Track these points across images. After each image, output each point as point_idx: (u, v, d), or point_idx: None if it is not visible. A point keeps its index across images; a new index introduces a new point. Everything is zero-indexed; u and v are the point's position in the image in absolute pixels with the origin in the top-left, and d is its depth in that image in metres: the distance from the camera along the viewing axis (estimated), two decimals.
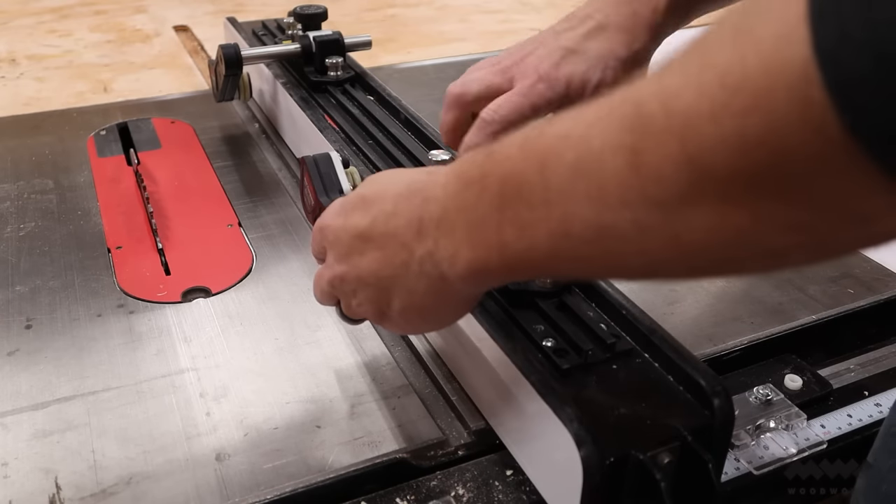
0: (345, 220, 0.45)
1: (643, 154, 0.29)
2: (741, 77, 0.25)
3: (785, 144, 0.24)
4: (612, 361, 0.47)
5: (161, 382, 0.59)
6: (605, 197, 0.30)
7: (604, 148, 0.30)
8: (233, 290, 0.69)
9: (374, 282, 0.44)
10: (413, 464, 0.52)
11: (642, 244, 0.31)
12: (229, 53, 0.85)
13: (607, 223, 0.31)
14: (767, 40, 0.24)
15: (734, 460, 0.53)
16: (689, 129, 0.27)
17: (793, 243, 0.28)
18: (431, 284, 0.41)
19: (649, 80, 0.29)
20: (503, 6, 1.68)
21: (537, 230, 0.34)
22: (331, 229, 0.47)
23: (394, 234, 0.42)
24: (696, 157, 0.27)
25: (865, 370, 0.63)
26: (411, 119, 0.76)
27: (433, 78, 1.22)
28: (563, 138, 0.32)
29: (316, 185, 0.57)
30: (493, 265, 0.37)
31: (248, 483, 0.50)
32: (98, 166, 0.91)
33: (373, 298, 0.45)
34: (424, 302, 0.43)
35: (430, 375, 0.59)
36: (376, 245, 0.43)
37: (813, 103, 0.23)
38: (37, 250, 0.75)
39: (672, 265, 0.32)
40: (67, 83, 1.23)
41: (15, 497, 0.49)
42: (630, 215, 0.30)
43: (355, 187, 0.58)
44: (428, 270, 0.40)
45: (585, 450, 0.40)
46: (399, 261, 0.42)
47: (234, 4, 1.65)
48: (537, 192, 0.33)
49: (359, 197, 0.46)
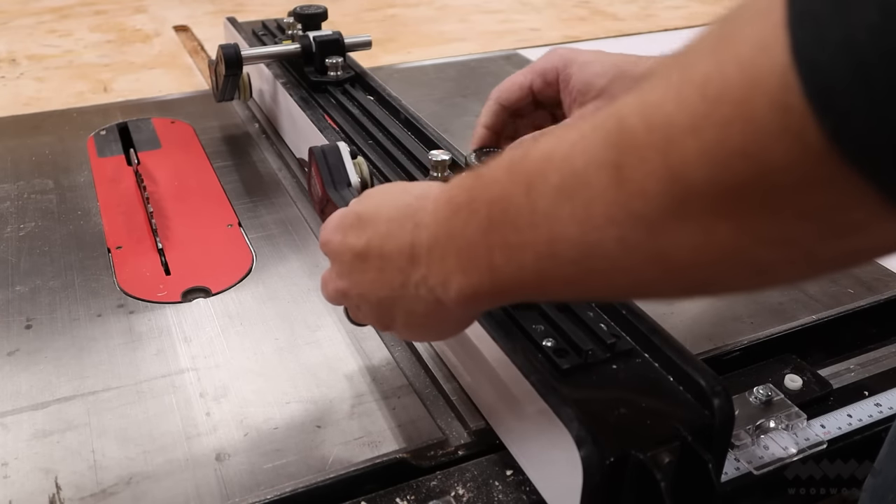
0: (343, 238, 0.46)
1: (626, 170, 0.28)
2: (721, 87, 0.24)
3: (766, 154, 0.24)
4: (612, 361, 0.47)
5: (161, 382, 0.59)
6: (591, 216, 0.30)
7: (587, 166, 0.30)
8: (233, 290, 0.69)
9: (375, 300, 0.45)
10: (413, 464, 0.52)
11: (628, 263, 0.30)
12: (229, 53, 0.85)
13: (592, 241, 0.30)
14: (746, 48, 0.24)
15: (734, 460, 0.53)
16: (671, 143, 0.26)
17: (780, 258, 0.27)
18: (429, 307, 0.41)
19: (632, 94, 0.29)
20: (503, 6, 1.68)
21: (525, 253, 0.33)
22: (332, 245, 0.47)
23: (389, 258, 0.42)
24: (679, 171, 0.26)
25: (865, 370, 0.63)
26: (411, 119, 0.76)
27: (433, 78, 1.22)
28: (546, 160, 0.32)
29: (324, 177, 0.57)
30: (485, 289, 0.37)
31: (248, 483, 0.50)
32: (98, 166, 0.91)
33: (376, 313, 0.46)
34: (425, 321, 0.43)
35: (430, 375, 0.59)
36: (373, 266, 0.43)
37: (793, 111, 0.23)
38: (37, 250, 0.75)
39: (659, 284, 0.32)
40: (67, 83, 1.23)
41: (15, 497, 0.49)
42: (615, 233, 0.29)
43: (362, 179, 0.57)
44: (423, 295, 0.41)
45: (585, 450, 0.40)
46: (397, 283, 0.42)
47: (234, 4, 1.65)
48: (524, 214, 0.33)
49: (355, 215, 0.46)
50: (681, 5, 1.71)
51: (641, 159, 0.27)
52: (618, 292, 0.36)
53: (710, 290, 0.33)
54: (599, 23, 1.59)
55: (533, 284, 0.35)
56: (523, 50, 1.34)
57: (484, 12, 1.64)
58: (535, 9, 1.68)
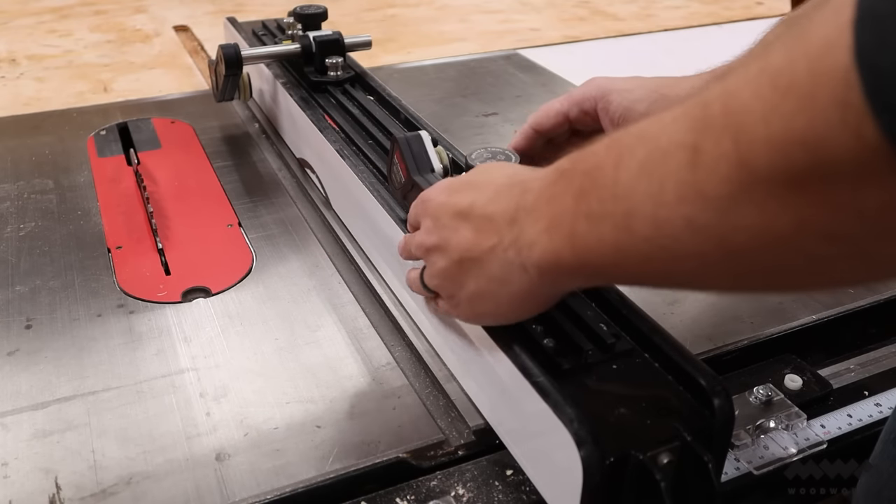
0: (447, 198, 0.47)
1: (702, 152, 0.30)
2: (790, 79, 0.26)
3: (826, 148, 0.25)
4: (612, 361, 0.47)
5: (161, 382, 0.59)
6: (664, 193, 0.31)
7: (669, 145, 0.31)
8: (233, 290, 0.69)
9: (458, 258, 0.45)
10: (413, 464, 0.52)
11: (694, 243, 0.31)
12: (229, 53, 0.85)
13: (663, 218, 0.32)
14: (816, 45, 0.25)
15: (734, 460, 0.53)
16: (742, 129, 0.28)
17: (836, 254, 0.28)
18: (509, 272, 0.42)
19: (719, 82, 0.30)
20: (503, 6, 1.69)
21: (604, 224, 0.35)
22: (433, 203, 0.48)
23: (489, 218, 0.43)
24: (746, 157, 0.28)
25: (865, 370, 0.63)
26: (411, 119, 0.76)
27: (433, 78, 1.22)
28: (639, 136, 0.34)
29: (408, 163, 0.60)
30: (566, 258, 0.38)
31: (248, 483, 0.50)
32: (98, 166, 0.91)
33: (451, 275, 0.47)
34: (500, 291, 0.44)
35: (430, 375, 0.59)
36: (472, 225, 0.44)
37: (852, 107, 0.24)
38: (37, 250, 0.75)
39: (720, 270, 0.33)
40: (67, 83, 1.23)
41: (15, 497, 0.49)
42: (684, 211, 0.31)
43: (444, 165, 0.60)
44: (511, 258, 0.41)
45: (585, 450, 0.40)
46: (488, 244, 0.43)
47: (234, 4, 1.65)
48: (608, 186, 0.35)
49: (466, 180, 0.48)
50: (681, 5, 1.71)
51: (716, 142, 0.29)
52: (684, 277, 0.37)
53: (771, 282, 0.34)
54: (599, 23, 1.59)
55: (611, 259, 0.36)
56: (523, 50, 1.34)
57: (484, 12, 1.64)
58: (535, 9, 1.68)
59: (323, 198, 0.82)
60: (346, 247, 0.75)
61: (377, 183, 0.67)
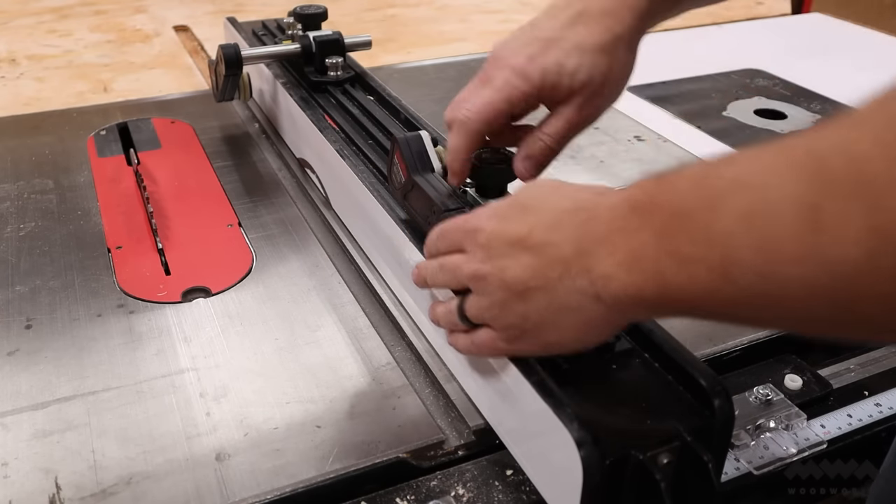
0: (500, 224, 0.44)
1: (825, 214, 0.28)
2: None
3: None
4: (612, 361, 0.47)
5: (161, 382, 0.59)
6: (777, 250, 0.30)
7: (781, 200, 0.30)
8: (233, 290, 0.69)
9: (519, 289, 0.43)
10: (413, 464, 0.52)
11: (808, 301, 0.30)
12: (229, 53, 0.85)
13: (770, 273, 0.31)
14: None
15: (734, 460, 0.53)
16: (879, 200, 0.26)
17: None
18: (582, 303, 0.40)
19: (830, 131, 0.29)
20: (503, 6, 1.68)
21: (697, 267, 0.34)
22: (485, 233, 0.45)
23: (553, 245, 0.41)
24: (882, 228, 0.27)
25: (865, 370, 0.63)
26: (411, 119, 0.76)
27: (433, 78, 1.22)
28: (736, 183, 0.33)
29: (408, 163, 0.60)
30: (649, 294, 0.37)
31: (248, 483, 0.50)
32: (98, 166, 0.91)
33: (508, 305, 0.44)
34: (568, 319, 0.42)
35: (430, 375, 0.59)
36: (532, 254, 0.42)
37: None
38: (37, 250, 0.75)
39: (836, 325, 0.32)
40: (67, 83, 1.23)
41: (15, 497, 0.49)
42: (801, 271, 0.30)
43: (444, 165, 0.59)
44: (583, 287, 0.40)
45: (585, 450, 0.40)
46: (554, 273, 0.41)
47: (234, 4, 1.65)
48: (701, 229, 0.33)
49: (516, 203, 0.45)
50: None
51: (844, 208, 0.28)
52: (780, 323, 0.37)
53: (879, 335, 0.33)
54: None
55: (703, 300, 0.35)
56: None
57: (484, 12, 1.64)
58: (535, 9, 1.67)
59: (323, 198, 0.82)
60: (346, 247, 0.75)
61: (377, 183, 0.67)
